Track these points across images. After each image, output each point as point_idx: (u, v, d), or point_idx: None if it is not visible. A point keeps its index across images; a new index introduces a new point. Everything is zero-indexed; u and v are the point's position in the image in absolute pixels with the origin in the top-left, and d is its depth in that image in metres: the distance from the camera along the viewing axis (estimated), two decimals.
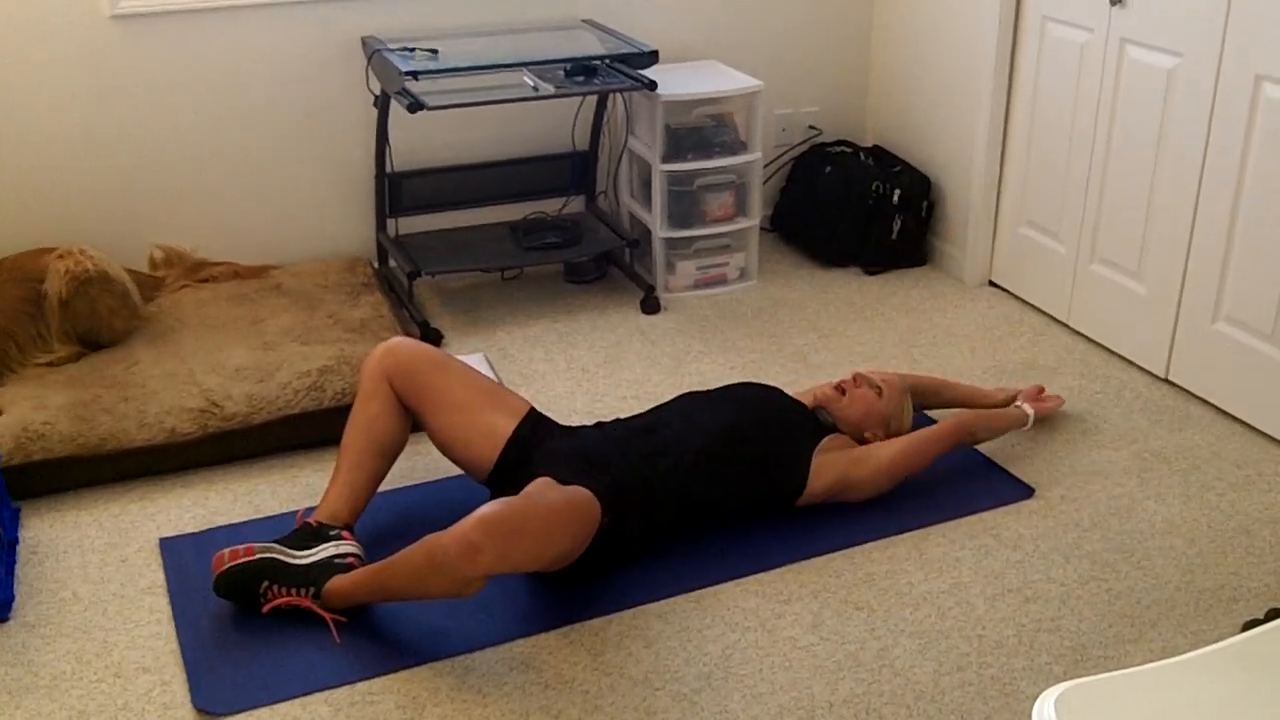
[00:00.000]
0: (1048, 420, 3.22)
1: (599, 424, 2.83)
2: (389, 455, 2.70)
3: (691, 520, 2.72)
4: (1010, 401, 3.17)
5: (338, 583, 2.47)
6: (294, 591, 2.48)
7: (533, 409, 2.76)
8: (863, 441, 2.92)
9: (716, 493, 2.70)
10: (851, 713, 2.28)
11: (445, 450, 2.73)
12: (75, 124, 3.57)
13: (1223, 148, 3.11)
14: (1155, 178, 3.34)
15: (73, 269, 3.26)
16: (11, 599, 2.57)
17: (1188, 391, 3.36)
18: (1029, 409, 3.11)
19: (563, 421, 3.15)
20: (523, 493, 2.40)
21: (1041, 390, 3.22)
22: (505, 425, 2.70)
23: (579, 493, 2.45)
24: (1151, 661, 1.66)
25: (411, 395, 2.70)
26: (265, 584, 2.49)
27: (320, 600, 2.48)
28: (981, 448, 3.08)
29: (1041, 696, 1.51)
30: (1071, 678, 1.54)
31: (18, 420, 2.92)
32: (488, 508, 2.29)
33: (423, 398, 2.70)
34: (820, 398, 2.96)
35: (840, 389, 2.94)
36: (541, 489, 2.42)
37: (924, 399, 3.16)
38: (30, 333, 3.24)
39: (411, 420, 2.74)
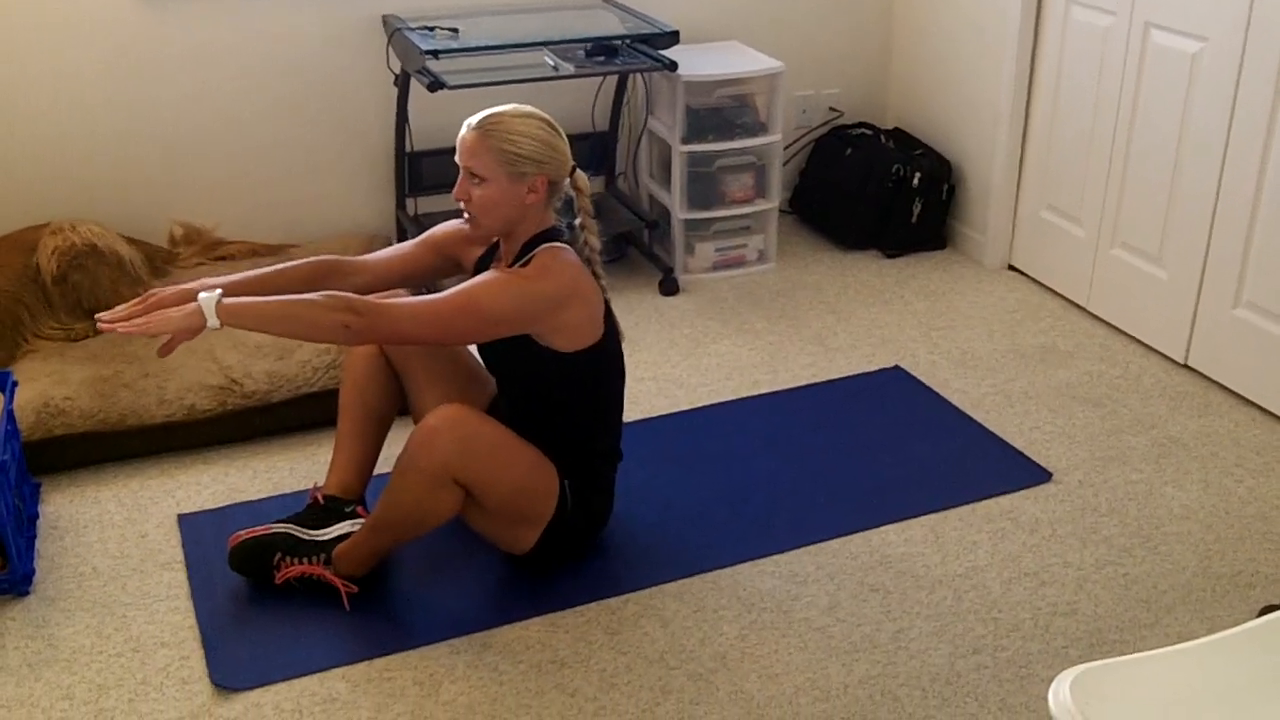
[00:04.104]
0: (1066, 404, 3.21)
1: None
2: (385, 418, 2.68)
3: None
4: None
5: (344, 545, 2.49)
6: (306, 561, 2.50)
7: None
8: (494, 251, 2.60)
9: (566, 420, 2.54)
10: (867, 694, 2.28)
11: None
12: (98, 101, 3.58)
13: (1246, 133, 3.09)
14: (1177, 162, 3.31)
15: (60, 245, 3.27)
16: (32, 573, 2.59)
17: (1207, 377, 3.34)
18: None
19: None
20: None
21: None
22: (479, 403, 2.67)
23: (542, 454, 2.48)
24: (1167, 646, 1.66)
25: (397, 360, 2.67)
26: (278, 555, 2.50)
27: (331, 566, 2.49)
28: (1000, 430, 3.08)
29: (1058, 679, 1.51)
30: (1087, 662, 1.54)
31: (39, 395, 2.94)
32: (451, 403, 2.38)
33: (405, 367, 2.67)
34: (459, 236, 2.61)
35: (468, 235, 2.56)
36: None
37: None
38: (40, 300, 3.25)
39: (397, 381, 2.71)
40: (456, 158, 2.39)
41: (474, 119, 2.37)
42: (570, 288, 2.38)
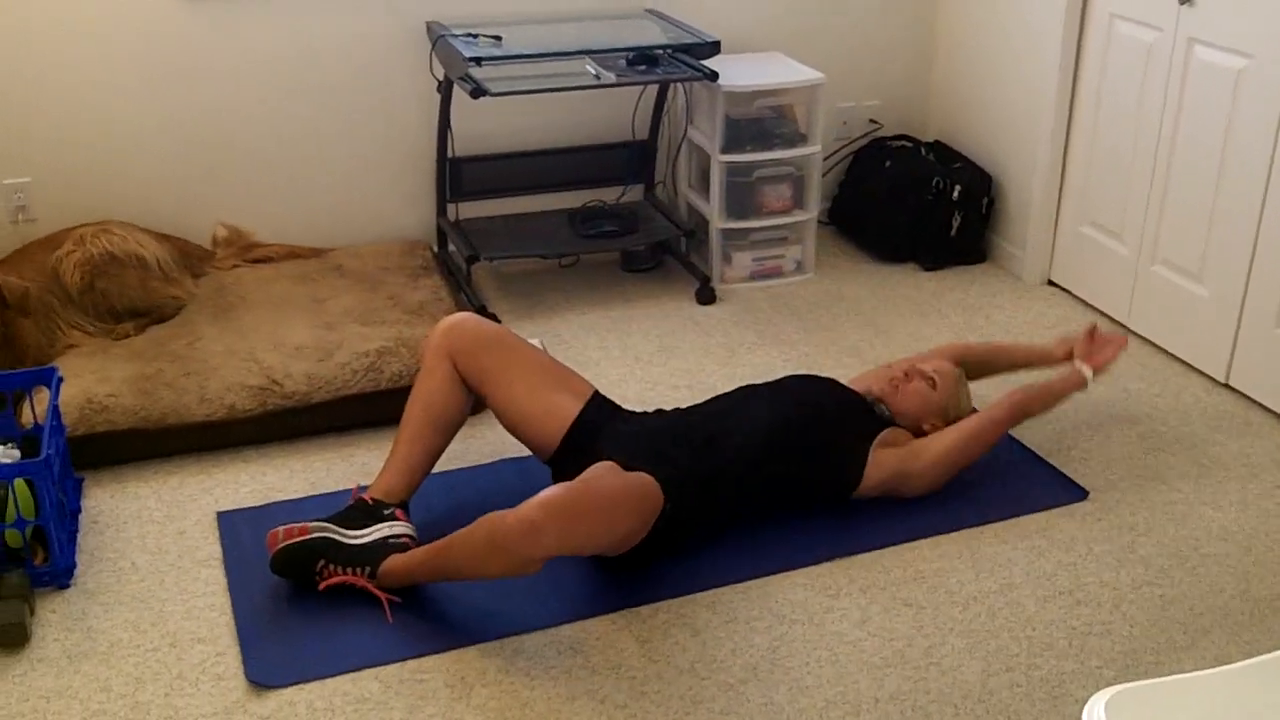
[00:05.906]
0: (1104, 421, 3.20)
1: (660, 411, 2.84)
2: (447, 431, 2.73)
3: (748, 510, 2.72)
4: (1068, 356, 3.10)
5: (394, 562, 2.50)
6: (350, 571, 2.51)
7: (597, 392, 2.79)
8: (920, 433, 2.90)
9: (772, 484, 2.70)
10: (897, 709, 2.28)
11: (511, 427, 2.76)
12: (144, 103, 3.62)
13: None
14: (1220, 180, 3.29)
15: (80, 258, 3.30)
16: (73, 566, 2.62)
17: (1248, 397, 3.31)
18: (1086, 370, 3.02)
19: None
20: (584, 476, 2.43)
21: (1093, 333, 3.11)
22: (571, 406, 2.73)
23: (641, 479, 2.48)
24: (1203, 669, 1.65)
25: (475, 373, 2.73)
26: (321, 563, 2.52)
27: (376, 580, 2.51)
28: (1036, 447, 3.07)
29: (1092, 699, 1.50)
30: (1121, 683, 1.53)
31: (82, 392, 2.98)
32: (550, 490, 2.34)
33: (487, 376, 2.73)
34: (876, 392, 2.95)
35: (894, 384, 2.93)
36: (604, 473, 2.45)
37: (979, 371, 3.15)
38: (64, 294, 3.29)
39: (471, 398, 2.77)
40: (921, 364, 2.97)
41: None
42: None
